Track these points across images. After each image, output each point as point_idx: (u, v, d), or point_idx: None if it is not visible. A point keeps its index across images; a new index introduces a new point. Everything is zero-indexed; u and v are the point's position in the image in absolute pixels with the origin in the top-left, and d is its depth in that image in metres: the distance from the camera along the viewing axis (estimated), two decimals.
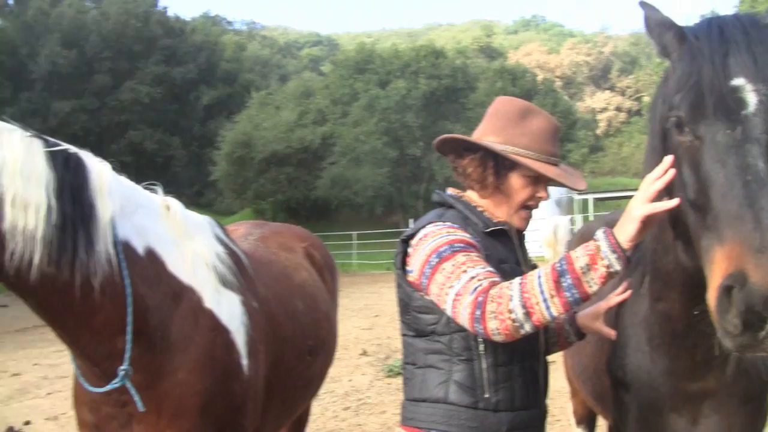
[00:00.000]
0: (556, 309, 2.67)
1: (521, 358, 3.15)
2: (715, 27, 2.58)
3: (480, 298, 2.72)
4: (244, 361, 3.76)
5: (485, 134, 3.28)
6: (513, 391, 3.08)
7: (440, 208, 3.31)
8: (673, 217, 2.75)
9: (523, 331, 2.71)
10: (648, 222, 2.65)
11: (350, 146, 53.41)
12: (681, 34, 2.68)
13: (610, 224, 5.16)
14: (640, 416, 3.40)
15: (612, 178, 76.26)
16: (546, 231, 28.52)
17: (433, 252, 2.95)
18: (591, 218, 31.70)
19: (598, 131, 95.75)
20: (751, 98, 2.42)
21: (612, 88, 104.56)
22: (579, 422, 6.00)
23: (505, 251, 3.21)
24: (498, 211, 3.27)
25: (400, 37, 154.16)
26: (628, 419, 3.47)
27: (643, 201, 2.62)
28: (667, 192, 2.65)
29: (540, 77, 71.10)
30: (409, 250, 3.14)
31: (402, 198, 56.31)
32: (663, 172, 2.62)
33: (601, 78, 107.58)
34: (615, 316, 3.54)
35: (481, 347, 3.03)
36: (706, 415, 3.25)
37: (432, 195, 3.47)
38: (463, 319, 2.78)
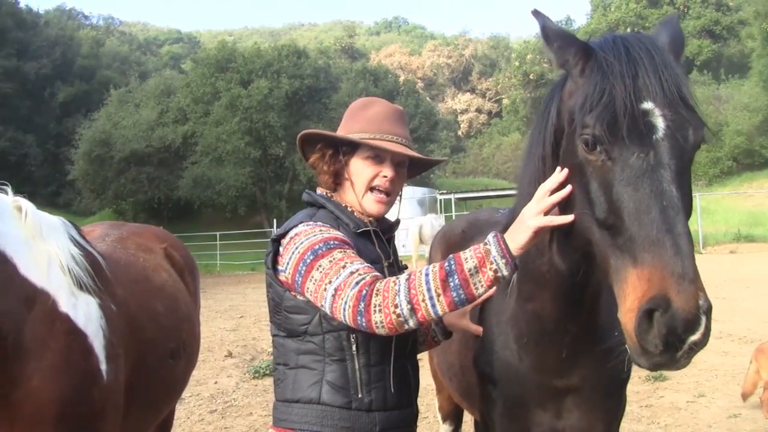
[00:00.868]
0: (442, 308, 2.69)
1: (393, 358, 3.16)
2: (621, 46, 2.61)
3: (364, 291, 2.72)
4: (103, 366, 3.65)
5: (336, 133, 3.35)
6: (385, 391, 3.09)
7: (310, 208, 3.29)
8: (563, 211, 2.76)
9: (407, 326, 2.72)
10: (539, 232, 2.71)
11: (212, 145, 52.96)
12: (586, 48, 2.70)
13: (472, 223, 5.32)
14: (507, 411, 3.47)
15: (473, 178, 77.84)
16: (413, 229, 28.86)
17: (308, 249, 2.93)
18: (453, 217, 32.15)
19: (459, 132, 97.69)
20: (660, 123, 2.47)
21: (472, 90, 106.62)
22: (445, 418, 6.05)
23: (375, 251, 3.22)
24: (352, 203, 3.30)
25: (261, 36, 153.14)
26: (494, 414, 3.54)
27: (538, 212, 2.68)
28: (560, 205, 2.71)
29: (402, 78, 71.89)
30: (280, 249, 3.10)
31: (265, 198, 56.13)
32: (558, 185, 2.68)
33: (461, 80, 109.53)
34: (479, 313, 3.60)
35: (354, 347, 3.03)
36: (569, 410, 3.37)
37: (302, 195, 3.44)
38: (345, 313, 2.76)
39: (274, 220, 43.43)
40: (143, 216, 52.24)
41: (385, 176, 3.25)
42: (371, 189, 3.26)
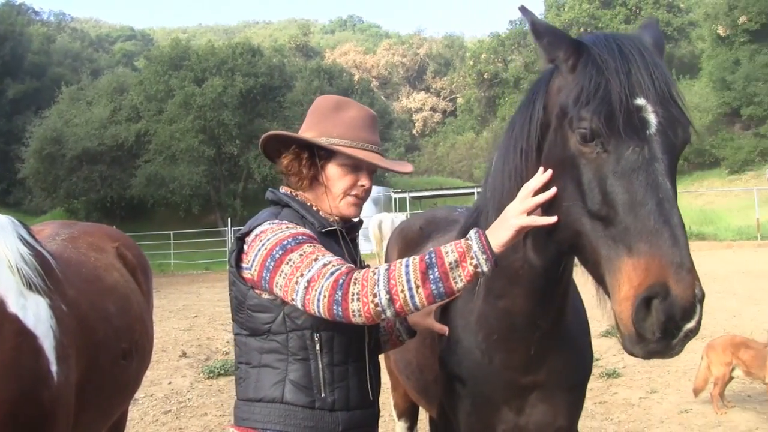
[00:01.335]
0: (420, 300, 2.68)
1: (356, 358, 3.16)
2: (613, 43, 2.67)
3: (341, 280, 2.71)
4: (54, 368, 3.60)
5: (304, 132, 3.30)
6: (348, 391, 3.09)
7: (275, 207, 3.27)
8: (550, 204, 2.78)
9: (383, 316, 2.72)
10: (522, 231, 2.74)
11: (166, 144, 52.61)
12: (578, 44, 2.75)
13: (429, 220, 5.38)
14: (474, 410, 3.51)
15: (428, 177, 78.00)
16: (372, 226, 28.96)
17: (277, 245, 2.91)
18: (409, 216, 32.25)
19: (414, 131, 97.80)
20: (653, 119, 2.54)
21: (427, 89, 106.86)
22: (400, 416, 6.06)
23: (341, 251, 3.20)
24: (323, 205, 3.28)
25: (216, 34, 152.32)
26: (460, 413, 3.57)
27: (522, 212, 2.71)
28: (561, 195, 2.72)
29: (356, 77, 71.97)
30: (245, 247, 3.08)
31: (219, 197, 55.86)
32: (542, 185, 2.72)
33: (416, 79, 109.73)
34: (442, 313, 3.62)
35: (318, 346, 3.03)
36: (533, 405, 3.43)
37: (266, 193, 3.41)
38: (320, 303, 2.74)
39: (229, 219, 43.29)
40: (96, 215, 51.71)
41: (363, 185, 3.27)
42: (348, 195, 3.26)
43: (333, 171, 3.24)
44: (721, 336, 9.60)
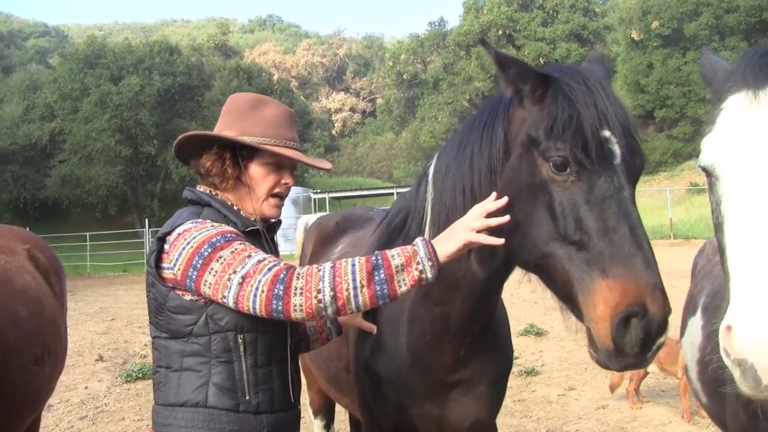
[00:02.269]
0: (363, 300, 2.72)
1: (280, 359, 3.14)
2: (578, 75, 2.83)
3: (282, 275, 2.71)
4: None
5: (221, 131, 3.25)
6: (272, 393, 3.07)
7: (195, 207, 3.19)
8: (515, 227, 2.88)
9: (324, 314, 2.73)
10: (468, 247, 2.84)
11: (81, 143, 51.81)
12: (544, 75, 2.86)
13: (346, 218, 5.53)
14: (399, 405, 3.61)
15: (347, 177, 78.07)
16: (298, 227, 28.82)
17: (205, 242, 2.87)
18: None
19: (334, 131, 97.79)
20: (617, 150, 2.71)
21: (347, 90, 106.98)
22: (316, 413, 6.07)
23: (264, 250, 3.19)
24: (245, 205, 3.25)
25: (133, 32, 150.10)
26: (385, 407, 3.67)
27: (473, 228, 2.79)
28: (515, 223, 2.84)
29: (276, 77, 71.56)
30: (166, 246, 3.01)
31: (137, 197, 55.16)
32: (495, 208, 2.81)
33: (336, 79, 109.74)
34: (371, 311, 3.59)
35: (242, 348, 2.99)
36: (456, 400, 3.57)
37: (183, 192, 3.33)
38: (257, 299, 2.72)
39: (146, 220, 42.68)
40: (8, 216, 50.57)
41: (286, 183, 3.25)
42: (271, 195, 3.25)
43: (256, 171, 3.21)
44: None
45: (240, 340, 2.97)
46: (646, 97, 58.49)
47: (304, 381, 5.82)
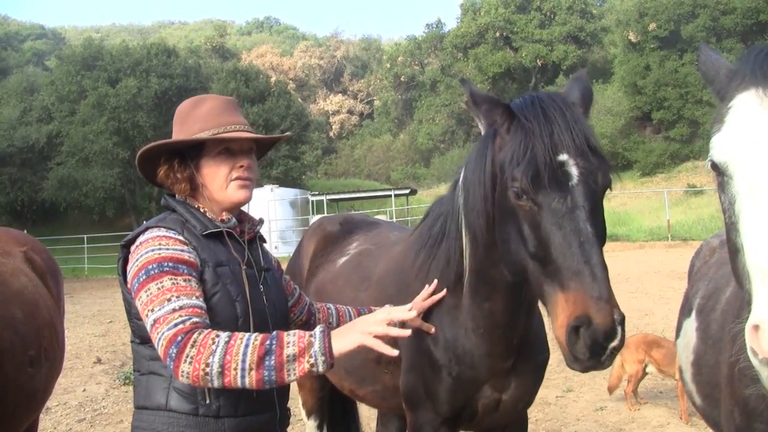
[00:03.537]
0: (250, 382, 2.73)
1: None
2: (538, 107, 3.16)
3: (180, 338, 2.74)
4: None
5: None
6: (238, 397, 3.06)
7: (164, 213, 3.28)
8: (503, 244, 3.32)
9: (210, 385, 2.77)
10: (362, 348, 2.93)
11: (79, 146, 51.75)
12: (509, 110, 3.25)
13: (347, 219, 5.60)
14: (457, 388, 3.93)
15: (345, 179, 77.88)
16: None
17: (142, 268, 2.94)
18: None
19: (331, 133, 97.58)
20: (574, 171, 3.03)
21: (344, 92, 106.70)
22: (309, 413, 6.03)
23: (226, 253, 3.19)
24: (214, 205, 3.28)
25: (130, 34, 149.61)
26: (441, 391, 3.97)
27: (371, 333, 2.90)
28: (501, 238, 3.31)
29: (273, 79, 71.34)
30: (130, 255, 3.09)
31: (134, 200, 55.10)
32: (402, 319, 3.08)
33: (333, 81, 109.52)
34: (428, 310, 3.92)
35: None
36: (509, 383, 3.97)
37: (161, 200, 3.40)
38: (158, 347, 2.79)
39: (144, 222, 42.51)
40: (5, 219, 50.49)
41: (242, 165, 3.25)
42: (232, 180, 3.25)
43: (208, 165, 3.24)
44: (633, 335, 9.83)
45: None
46: (643, 99, 58.42)
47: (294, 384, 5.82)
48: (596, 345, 2.80)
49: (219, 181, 3.23)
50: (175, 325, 2.77)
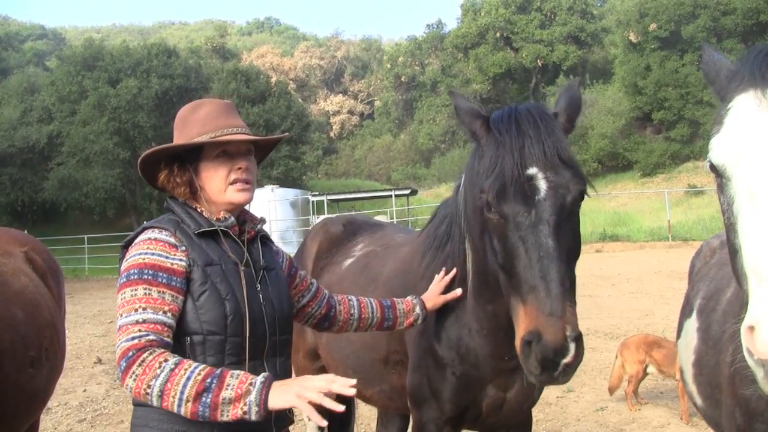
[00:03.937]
0: (185, 412, 2.77)
1: (236, 361, 3.12)
2: (513, 121, 3.24)
3: (131, 353, 2.81)
4: None
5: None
6: None
7: (166, 213, 3.32)
8: (484, 253, 3.43)
9: (150, 404, 2.85)
10: (295, 406, 2.86)
11: (79, 146, 51.75)
12: (487, 123, 3.35)
13: (350, 221, 5.63)
14: (462, 387, 3.99)
15: (345, 179, 77.87)
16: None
17: (125, 270, 3.02)
18: None
19: (332, 134, 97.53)
20: (542, 185, 3.09)
21: (345, 92, 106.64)
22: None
23: (219, 252, 3.19)
24: (213, 207, 3.30)
25: (130, 34, 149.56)
26: (445, 390, 4.02)
27: (306, 399, 2.81)
28: (484, 248, 3.40)
29: (274, 79, 71.31)
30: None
31: (135, 200, 55.10)
32: (341, 392, 2.90)
33: (334, 81, 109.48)
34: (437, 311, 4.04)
35: (188, 350, 3.05)
36: (513, 383, 3.99)
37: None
38: (116, 351, 2.89)
39: (145, 223, 42.51)
40: (6, 219, 50.45)
41: (240, 167, 3.26)
42: (231, 183, 3.26)
43: (207, 168, 3.25)
44: (634, 335, 9.86)
45: (187, 342, 3.06)
46: (644, 99, 58.39)
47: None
48: (546, 361, 2.88)
49: (217, 184, 3.24)
50: (132, 338, 2.85)
